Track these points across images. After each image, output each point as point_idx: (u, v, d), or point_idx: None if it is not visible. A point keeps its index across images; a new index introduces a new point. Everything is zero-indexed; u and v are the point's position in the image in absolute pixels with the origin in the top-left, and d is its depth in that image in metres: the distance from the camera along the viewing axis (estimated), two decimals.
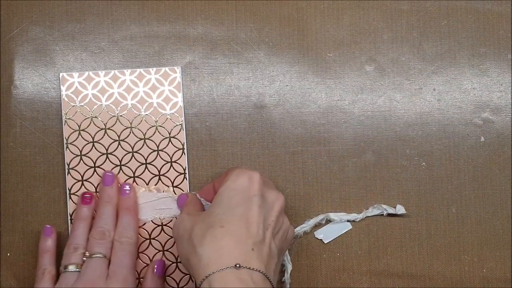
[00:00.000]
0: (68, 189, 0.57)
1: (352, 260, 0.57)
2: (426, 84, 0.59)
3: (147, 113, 0.58)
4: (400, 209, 0.57)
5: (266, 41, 0.59)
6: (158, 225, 0.57)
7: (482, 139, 0.58)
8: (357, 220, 0.57)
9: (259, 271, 0.46)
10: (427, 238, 0.57)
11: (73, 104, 0.57)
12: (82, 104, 0.58)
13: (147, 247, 0.57)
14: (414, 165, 0.58)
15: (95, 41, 0.58)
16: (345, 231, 0.57)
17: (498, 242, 0.57)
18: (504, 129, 0.58)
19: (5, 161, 0.57)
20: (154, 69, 0.58)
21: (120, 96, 0.58)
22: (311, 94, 0.59)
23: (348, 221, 0.57)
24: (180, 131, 0.58)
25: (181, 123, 0.58)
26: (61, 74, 0.58)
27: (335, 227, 0.57)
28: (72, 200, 0.57)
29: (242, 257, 0.46)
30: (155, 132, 0.58)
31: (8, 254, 0.57)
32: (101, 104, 0.58)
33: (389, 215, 0.57)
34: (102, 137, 0.58)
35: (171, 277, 0.57)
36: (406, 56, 0.59)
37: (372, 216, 0.57)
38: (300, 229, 0.57)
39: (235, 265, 0.45)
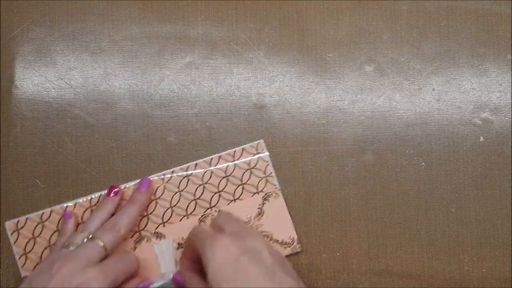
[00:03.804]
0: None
1: (352, 260, 0.57)
2: (426, 84, 0.59)
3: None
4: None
5: (266, 41, 0.59)
6: None
7: (482, 139, 0.58)
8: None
9: None
10: (427, 238, 0.57)
11: None
12: None
13: None
14: (413, 165, 0.58)
15: (96, 41, 0.59)
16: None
17: (497, 242, 0.57)
18: (503, 129, 0.58)
19: (5, 161, 0.57)
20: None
21: None
22: (311, 94, 0.59)
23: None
24: None
25: None
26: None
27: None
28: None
29: None
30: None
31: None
32: None
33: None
34: None
35: None
36: (406, 56, 0.59)
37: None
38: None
39: None
